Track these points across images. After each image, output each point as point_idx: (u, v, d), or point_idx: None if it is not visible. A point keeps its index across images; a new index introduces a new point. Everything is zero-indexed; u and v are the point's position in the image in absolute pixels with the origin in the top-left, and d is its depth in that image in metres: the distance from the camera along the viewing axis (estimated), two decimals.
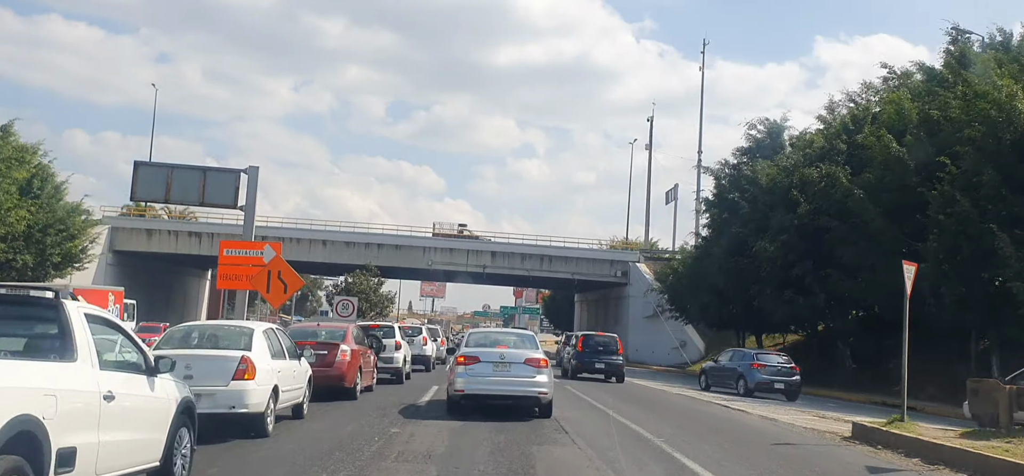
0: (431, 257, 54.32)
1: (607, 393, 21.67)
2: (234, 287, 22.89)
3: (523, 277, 56.27)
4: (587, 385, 24.15)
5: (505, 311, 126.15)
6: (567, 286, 62.00)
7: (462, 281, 66.16)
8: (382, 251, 54.12)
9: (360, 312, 43.96)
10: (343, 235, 54.32)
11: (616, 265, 55.40)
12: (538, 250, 55.47)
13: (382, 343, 20.09)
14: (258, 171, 23.04)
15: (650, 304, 52.39)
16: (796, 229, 30.34)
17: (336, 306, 38.45)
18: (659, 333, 51.17)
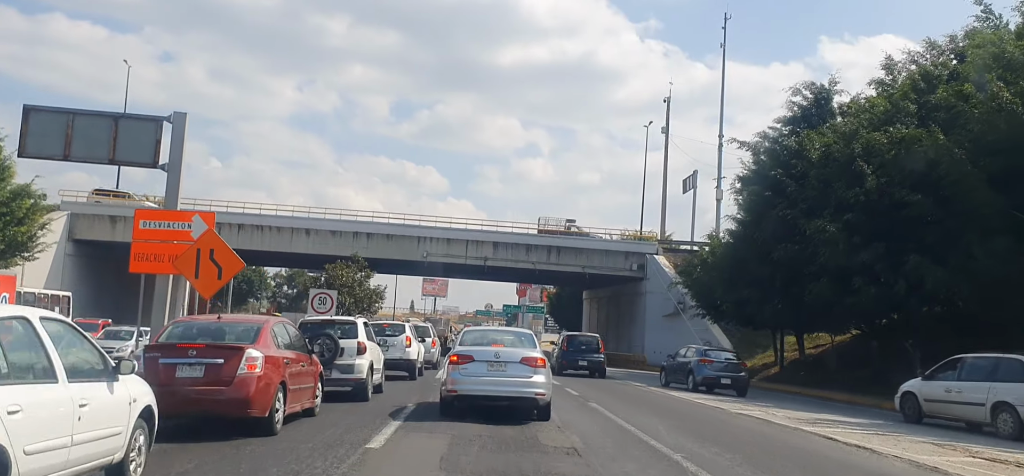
0: (426, 248, 48.93)
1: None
2: (151, 270, 17.57)
3: (528, 271, 50.85)
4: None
5: (508, 310, 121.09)
6: (577, 281, 56.59)
7: (461, 276, 60.67)
8: (372, 241, 48.76)
9: (342, 308, 38.61)
10: (329, 223, 48.97)
11: (632, 258, 49.96)
12: (545, 241, 50.06)
13: (337, 346, 14.71)
14: (185, 119, 17.70)
15: (670, 301, 46.94)
16: (862, 206, 24.92)
17: (312, 301, 33.27)
18: (680, 333, 45.65)
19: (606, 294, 59.40)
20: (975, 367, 16.99)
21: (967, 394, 16.66)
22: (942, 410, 17.47)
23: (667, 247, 51.50)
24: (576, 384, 25.05)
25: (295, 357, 10.74)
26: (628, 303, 52.94)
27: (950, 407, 17.23)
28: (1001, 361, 16.41)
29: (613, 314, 57.24)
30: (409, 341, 22.00)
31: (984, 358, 17.09)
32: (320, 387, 12.30)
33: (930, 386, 17.87)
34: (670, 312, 46.93)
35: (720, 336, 45.32)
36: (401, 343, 21.95)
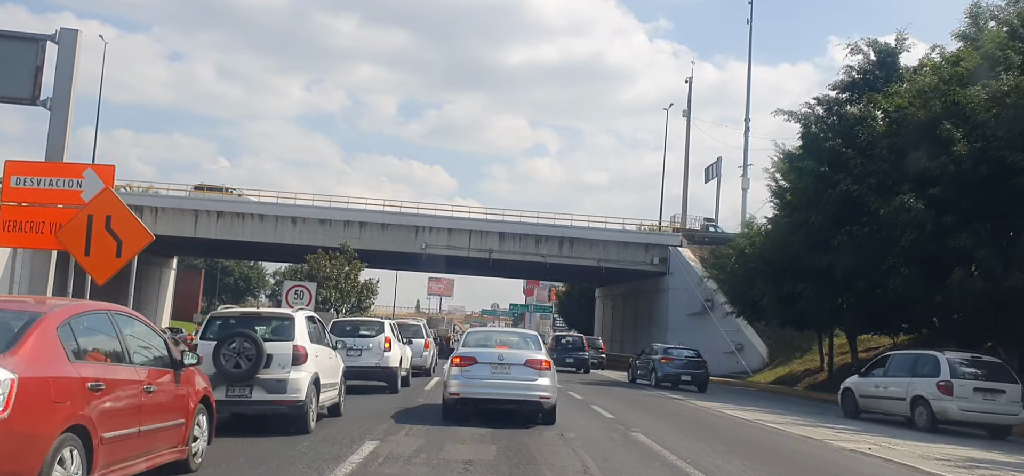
0: (425, 239, 44.14)
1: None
2: (24, 243, 12.81)
3: (538, 265, 46.01)
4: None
5: (515, 309, 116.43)
6: (591, 276, 51.68)
7: (464, 271, 55.79)
8: (365, 231, 44.00)
9: (327, 304, 33.90)
10: (317, 211, 44.22)
11: (652, 250, 45.05)
12: (556, 231, 45.16)
13: (260, 352, 9.91)
14: (76, 39, 12.82)
15: (697, 298, 42.06)
16: (952, 178, 20.06)
17: (286, 295, 28.59)
18: (709, 334, 40.81)
19: (622, 291, 54.49)
20: (899, 363, 18.43)
21: (891, 389, 17.91)
22: (873, 405, 18.59)
23: (695, 238, 46.54)
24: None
25: (130, 378, 5.94)
26: (648, 301, 48.04)
27: (879, 402, 18.42)
28: (920, 357, 17.95)
29: (630, 314, 52.34)
30: (389, 343, 17.22)
31: (906, 354, 19.01)
32: (202, 425, 7.46)
33: (864, 383, 19.06)
34: (697, 311, 42.05)
35: (754, 338, 40.46)
36: (378, 346, 17.19)
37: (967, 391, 16.35)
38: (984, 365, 17.35)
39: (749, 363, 39.24)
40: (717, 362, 40.31)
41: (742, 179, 54.37)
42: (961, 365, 16.93)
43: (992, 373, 17.00)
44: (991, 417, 16.38)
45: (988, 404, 16.36)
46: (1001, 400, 16.37)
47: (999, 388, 16.51)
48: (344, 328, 17.91)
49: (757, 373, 38.22)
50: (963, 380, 16.53)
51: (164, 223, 43.13)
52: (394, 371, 17.27)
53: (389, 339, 17.29)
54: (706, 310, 41.35)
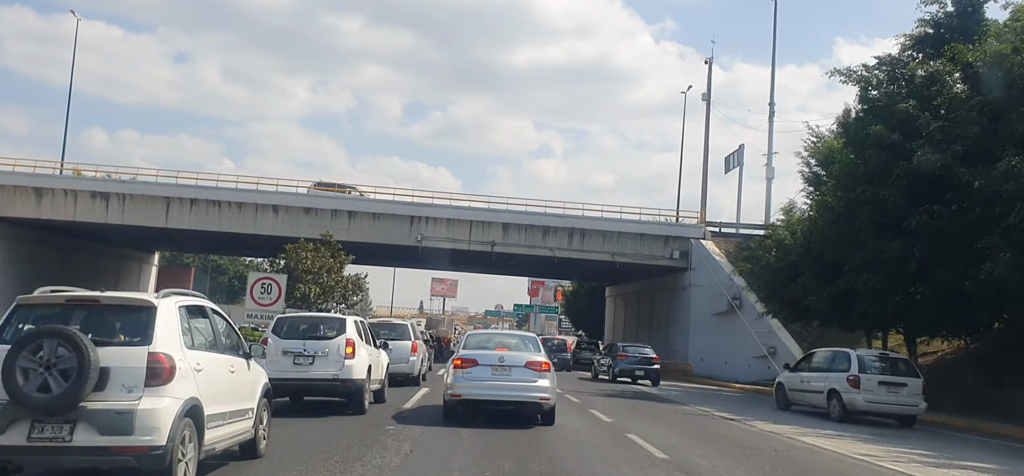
0: (421, 230, 39.93)
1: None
2: None
3: (545, 260, 41.74)
4: None
5: (519, 310, 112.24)
6: (604, 273, 47.38)
7: (465, 267, 51.41)
8: (355, 221, 39.83)
9: (304, 301, 29.72)
10: (301, 199, 40.05)
11: (672, 243, 40.75)
12: (566, 222, 40.87)
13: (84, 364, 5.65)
14: None
15: (723, 296, 37.77)
16: None
17: (251, 289, 24.57)
18: (737, 336, 36.59)
19: (636, 289, 50.20)
20: (820, 359, 20.35)
21: (813, 384, 19.72)
22: (800, 398, 20.38)
23: (719, 230, 42.21)
24: None
25: None
26: (666, 299, 43.76)
27: (804, 395, 20.20)
28: (837, 354, 19.77)
29: (645, 313, 48.03)
30: (352, 348, 13.01)
31: (826, 351, 20.85)
32: None
33: (792, 377, 21.13)
34: (723, 310, 37.76)
35: (788, 340, 36.10)
36: (337, 352, 13.01)
37: (873, 384, 18.19)
38: (891, 361, 19.44)
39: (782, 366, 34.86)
40: (746, 367, 36.06)
41: (766, 169, 50.04)
42: (869, 361, 18.95)
43: (897, 368, 18.98)
44: (895, 407, 18.28)
45: (892, 396, 18.18)
46: (903, 392, 18.23)
47: (902, 382, 18.39)
48: (295, 327, 13.73)
49: None
50: (870, 375, 18.36)
51: (133, 211, 39.09)
52: (358, 385, 13.08)
53: (352, 343, 13.12)
54: (733, 309, 37.07)
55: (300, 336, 13.28)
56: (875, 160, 21.49)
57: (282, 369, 12.75)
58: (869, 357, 19.30)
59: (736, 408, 20.70)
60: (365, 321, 15.38)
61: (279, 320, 13.80)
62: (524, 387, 12.40)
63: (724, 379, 35.92)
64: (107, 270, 48.27)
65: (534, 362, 12.59)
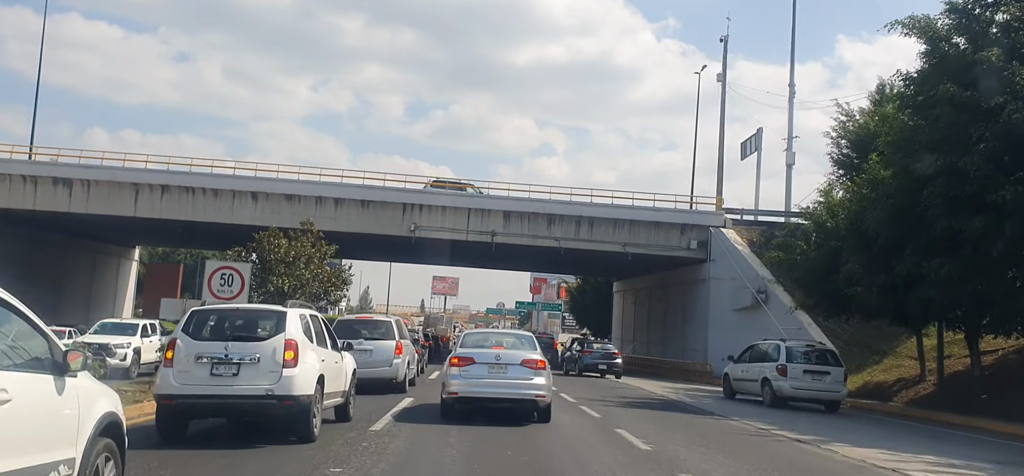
0: (414, 219, 36.44)
1: None
2: None
3: (549, 251, 38.20)
4: None
5: (521, 307, 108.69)
6: (615, 265, 43.78)
7: (463, 261, 47.87)
8: (342, 210, 36.38)
9: (277, 296, 26.13)
10: (282, 185, 36.56)
11: (689, 233, 37.20)
12: (572, 209, 37.37)
13: None
14: None
15: (747, 289, 34.25)
16: None
17: (209, 279, 21.02)
18: (763, 333, 32.79)
19: (647, 284, 46.68)
20: (757, 351, 22.58)
21: (751, 373, 22.09)
22: (741, 386, 22.72)
23: (742, 218, 38.64)
24: None
25: None
26: (681, 294, 40.22)
27: (744, 384, 22.55)
28: (769, 346, 22.02)
29: (658, 310, 44.50)
30: (294, 353, 9.47)
31: (764, 343, 22.98)
32: None
33: (735, 368, 23.28)
34: (746, 305, 34.24)
35: (821, 337, 32.52)
36: (270, 361, 9.47)
37: (798, 373, 20.20)
38: (817, 352, 21.44)
39: None
40: None
41: (786, 155, 46.57)
42: (796, 351, 20.81)
43: (822, 359, 20.95)
44: (818, 394, 20.25)
45: (816, 383, 20.18)
46: (826, 380, 20.26)
47: (825, 370, 20.42)
48: (220, 324, 10.22)
49: None
50: (796, 364, 20.30)
51: (98, 199, 35.64)
52: (302, 404, 9.53)
53: (294, 344, 9.58)
54: (759, 303, 33.55)
55: (224, 336, 9.77)
56: (945, 122, 17.95)
57: (195, 382, 9.29)
58: (797, 348, 21.35)
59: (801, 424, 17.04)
60: (320, 316, 11.84)
61: (195, 313, 10.20)
62: (520, 385, 12.56)
63: None
64: (80, 267, 44.82)
65: (530, 360, 12.73)
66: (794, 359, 20.63)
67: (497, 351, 13.02)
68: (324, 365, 10.73)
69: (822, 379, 20.42)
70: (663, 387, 27.20)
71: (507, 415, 12.98)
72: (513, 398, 12.66)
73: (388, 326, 18.47)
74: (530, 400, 12.67)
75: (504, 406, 12.75)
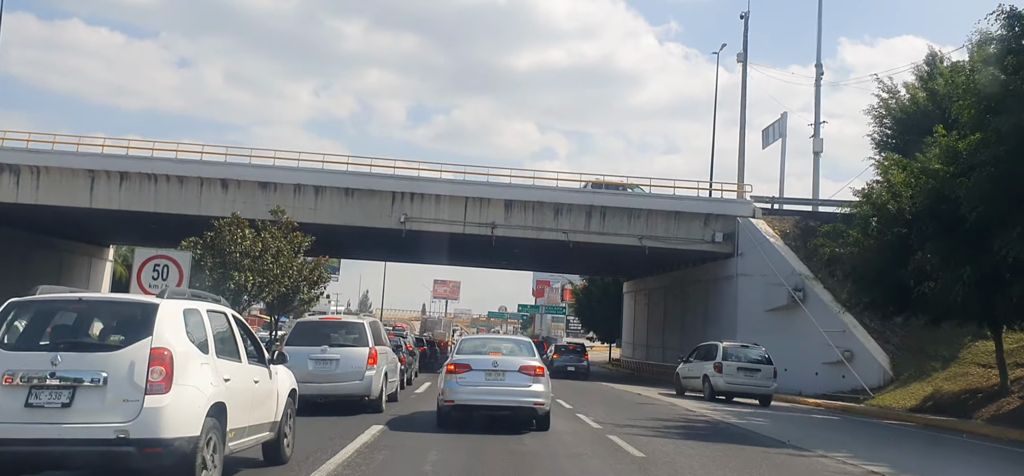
0: (404, 209, 32.44)
1: None
2: None
3: (556, 245, 34.18)
4: None
5: (523, 311, 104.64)
6: (630, 261, 39.72)
7: (459, 258, 43.67)
8: (323, 198, 32.40)
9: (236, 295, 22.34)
10: (255, 171, 32.57)
11: (714, 223, 33.16)
12: (583, 197, 33.35)
13: None
14: None
15: (781, 288, 30.22)
16: None
17: (139, 273, 17.21)
18: (800, 336, 29.04)
19: (661, 284, 42.66)
20: (701, 351, 25.09)
21: (695, 371, 24.45)
22: (688, 383, 24.99)
23: (768, 208, 34.55)
24: None
25: None
26: (703, 293, 36.19)
27: (690, 381, 24.80)
28: (710, 347, 24.46)
29: (675, 311, 40.46)
30: (166, 371, 5.53)
31: (706, 344, 25.43)
32: None
33: (684, 367, 25.63)
34: (781, 304, 30.21)
35: (867, 341, 28.55)
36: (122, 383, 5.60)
37: (733, 370, 23.03)
38: (751, 350, 23.93)
39: (865, 377, 27.30)
40: (812, 377, 28.52)
41: (813, 141, 42.53)
42: (732, 351, 23.60)
43: (754, 357, 23.59)
44: (750, 388, 22.97)
45: (748, 379, 23.02)
46: (757, 376, 23.07)
47: (756, 368, 23.22)
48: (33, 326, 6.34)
49: (880, 391, 26.35)
50: (731, 362, 23.13)
51: (49, 188, 31.66)
52: (177, 451, 5.66)
53: (166, 358, 6.06)
54: (796, 303, 29.52)
55: (53, 344, 5.93)
56: None
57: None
58: (732, 348, 23.66)
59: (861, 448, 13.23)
60: (230, 312, 7.77)
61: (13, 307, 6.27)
62: (518, 392, 12.31)
63: (784, 391, 28.44)
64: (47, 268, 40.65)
65: (528, 367, 12.47)
66: (729, 358, 23.23)
67: (495, 357, 12.69)
68: (230, 387, 6.79)
69: (754, 376, 23.01)
70: (690, 401, 23.21)
71: (505, 426, 12.38)
72: (511, 406, 12.36)
73: (360, 330, 14.50)
74: (528, 408, 12.38)
75: (502, 414, 12.46)
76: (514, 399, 12.27)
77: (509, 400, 12.27)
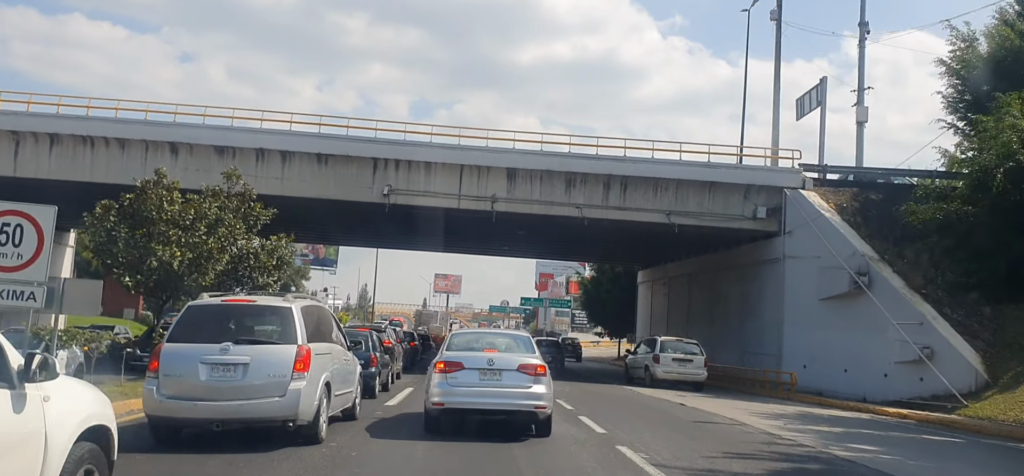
0: (389, 179, 27.31)
1: None
2: None
3: (568, 223, 29.01)
4: None
5: (527, 303, 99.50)
6: (656, 242, 34.43)
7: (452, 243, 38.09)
8: (291, 167, 27.32)
9: (169, 277, 17.26)
10: (210, 133, 27.42)
11: (755, 196, 27.97)
12: (601, 165, 28.06)
13: None
14: None
15: (841, 272, 25.02)
16: None
17: None
18: (866, 329, 23.89)
19: (685, 271, 37.54)
20: (647, 342, 28.76)
21: (639, 361, 27.73)
22: (634, 373, 28.01)
23: (818, 177, 29.25)
24: None
25: None
26: (739, 280, 31.02)
27: (635, 370, 28.00)
28: (653, 340, 27.87)
29: (702, 303, 35.31)
30: None
31: (647, 338, 30.42)
32: None
33: (632, 358, 29.39)
34: (841, 291, 25.01)
35: (951, 336, 23.26)
36: None
37: (669, 360, 25.90)
38: (685, 343, 26.94)
39: (952, 379, 22.04)
40: (881, 379, 23.38)
41: (857, 110, 37.33)
42: (668, 344, 26.69)
43: (688, 349, 26.38)
44: (683, 375, 25.67)
45: (682, 368, 25.78)
46: (689, 367, 25.86)
47: (689, 358, 26.00)
48: None
49: (974, 398, 21.14)
50: (667, 353, 26.05)
51: None
52: None
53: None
54: (860, 288, 24.32)
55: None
56: None
57: None
58: (669, 341, 27.11)
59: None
60: None
61: None
62: (516, 393, 10.91)
63: (845, 396, 23.32)
64: None
65: (528, 365, 11.07)
66: (665, 350, 26.15)
67: (490, 355, 11.31)
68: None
69: (686, 365, 25.81)
70: (746, 410, 18.10)
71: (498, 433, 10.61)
72: (508, 409, 10.97)
73: (283, 319, 9.35)
74: (528, 412, 10.97)
75: (498, 418, 11.05)
76: (512, 402, 10.93)
77: (506, 403, 10.93)
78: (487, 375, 10.97)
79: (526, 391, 10.89)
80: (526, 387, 10.92)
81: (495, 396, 10.90)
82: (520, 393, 10.90)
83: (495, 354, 11.37)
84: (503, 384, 10.93)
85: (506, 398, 10.91)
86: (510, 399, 10.92)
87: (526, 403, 10.88)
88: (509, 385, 10.93)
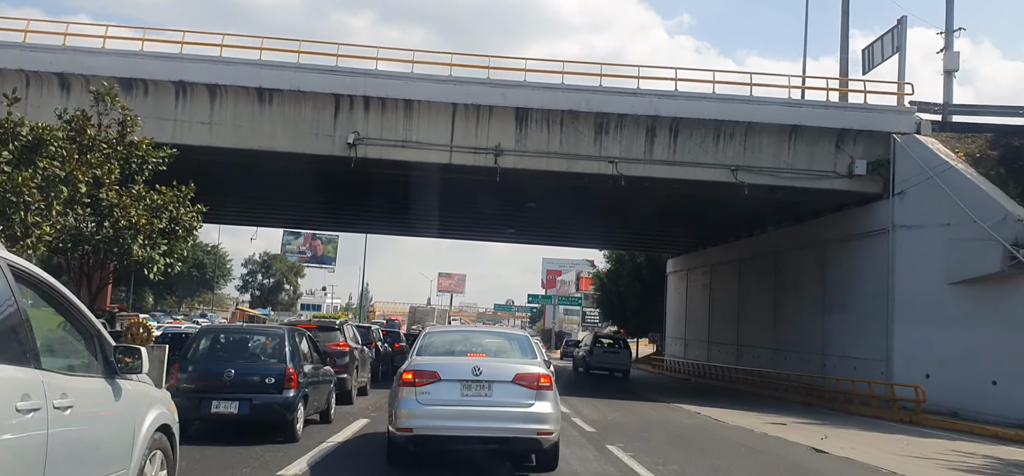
0: (356, 122, 20.20)
1: None
2: None
3: (600, 181, 21.82)
4: None
5: (533, 301, 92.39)
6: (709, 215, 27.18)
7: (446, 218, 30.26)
8: (223, 107, 20.24)
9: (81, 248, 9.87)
10: (113, 61, 20.14)
11: (850, 145, 20.71)
12: (641, 105, 20.73)
13: None
14: None
15: (987, 244, 17.79)
16: None
17: None
18: (1018, 323, 16.73)
19: (733, 256, 30.44)
20: (589, 337, 36.22)
21: (581, 353, 33.91)
22: (578, 363, 34.33)
23: (938, 120, 21.96)
24: None
25: None
26: (818, 262, 23.81)
27: (578, 361, 34.31)
28: (591, 335, 35.65)
29: (760, 293, 28.11)
30: None
31: (588, 333, 38.46)
32: None
33: (577, 351, 36.37)
34: (987, 271, 17.80)
35: None
36: None
37: (600, 352, 31.51)
38: (614, 336, 35.90)
39: None
40: None
41: (945, 56, 30.18)
42: (599, 337, 34.16)
43: (616, 342, 33.02)
44: (611, 365, 30.99)
45: (609, 358, 31.22)
46: (615, 359, 31.30)
47: (617, 351, 31.69)
48: None
49: None
50: (597, 346, 31.93)
51: None
52: None
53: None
54: (1020, 265, 17.11)
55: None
56: None
57: None
58: (601, 337, 34.36)
59: None
60: None
61: None
62: (511, 414, 8.09)
63: (996, 418, 16.21)
64: None
65: (526, 375, 8.22)
66: (596, 342, 32.67)
67: (476, 361, 8.35)
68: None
69: (613, 357, 31.51)
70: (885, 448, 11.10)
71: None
72: (501, 436, 8.12)
73: None
74: (527, 439, 8.19)
75: (487, 448, 8.33)
76: (506, 426, 8.02)
77: (498, 428, 8.02)
78: (472, 389, 8.26)
79: (525, 411, 8.22)
80: (525, 405, 8.23)
81: (483, 418, 8.19)
82: (517, 413, 8.21)
83: (483, 360, 8.52)
84: (493, 401, 8.22)
85: (497, 421, 8.22)
86: (503, 422, 8.23)
87: (525, 427, 8.23)
88: (502, 402, 8.22)
